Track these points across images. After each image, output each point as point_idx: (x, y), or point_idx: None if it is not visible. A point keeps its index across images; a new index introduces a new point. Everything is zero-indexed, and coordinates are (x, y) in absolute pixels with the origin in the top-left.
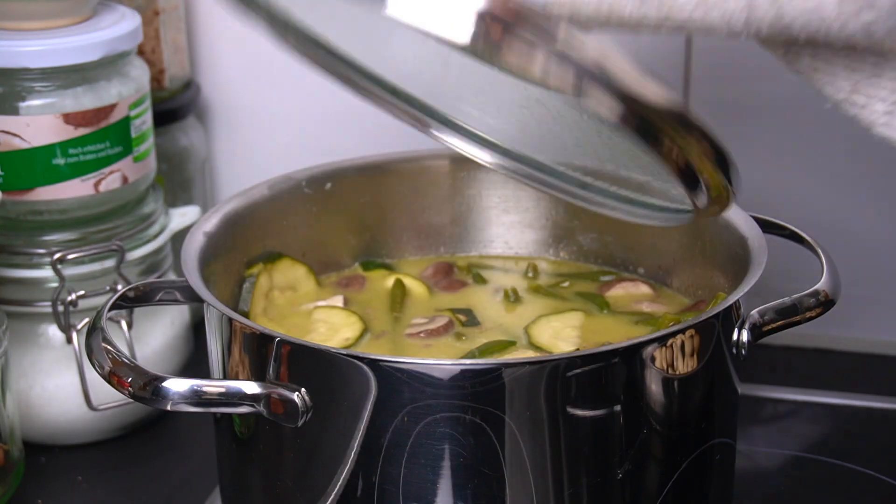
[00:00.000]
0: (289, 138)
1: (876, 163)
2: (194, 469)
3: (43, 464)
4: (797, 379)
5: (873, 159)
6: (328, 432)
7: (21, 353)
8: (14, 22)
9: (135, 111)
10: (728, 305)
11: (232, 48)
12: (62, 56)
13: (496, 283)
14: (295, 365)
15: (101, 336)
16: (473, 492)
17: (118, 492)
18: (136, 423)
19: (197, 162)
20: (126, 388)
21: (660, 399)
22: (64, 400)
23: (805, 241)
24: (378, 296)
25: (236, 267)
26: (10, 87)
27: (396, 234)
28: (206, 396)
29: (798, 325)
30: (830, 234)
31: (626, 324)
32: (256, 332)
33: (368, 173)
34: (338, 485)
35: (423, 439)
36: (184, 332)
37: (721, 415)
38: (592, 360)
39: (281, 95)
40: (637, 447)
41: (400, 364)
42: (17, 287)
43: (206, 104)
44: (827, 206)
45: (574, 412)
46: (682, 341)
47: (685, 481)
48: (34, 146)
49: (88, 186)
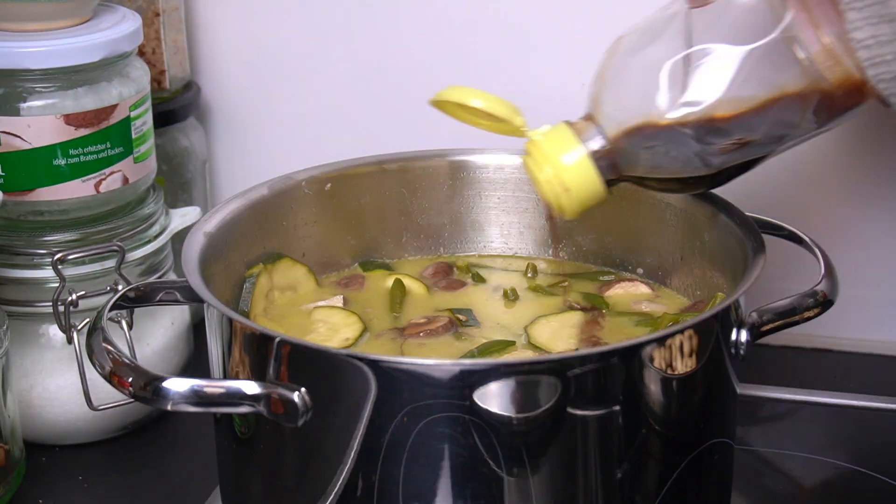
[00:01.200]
0: (289, 138)
1: (876, 163)
2: (194, 469)
3: (44, 463)
4: (796, 379)
5: (873, 159)
6: (328, 432)
7: (22, 353)
8: (15, 23)
9: (135, 112)
10: (727, 305)
11: (232, 49)
12: (63, 57)
13: (495, 283)
14: (295, 365)
15: (102, 336)
16: (473, 492)
17: (118, 492)
18: (136, 423)
19: (197, 163)
20: (126, 388)
21: (659, 399)
22: (64, 400)
23: (804, 241)
24: (377, 295)
25: (236, 267)
26: (11, 87)
27: (396, 234)
28: (206, 396)
29: (797, 325)
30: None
31: (625, 324)
32: (256, 332)
33: (368, 173)
34: (338, 485)
35: (423, 439)
36: (184, 332)
37: (720, 415)
38: (591, 360)
39: (281, 96)
40: (636, 447)
41: (400, 364)
42: (18, 287)
43: (206, 105)
44: (827, 206)
45: (573, 412)
46: (680, 341)
47: (684, 481)
48: (35, 147)
49: (89, 187)
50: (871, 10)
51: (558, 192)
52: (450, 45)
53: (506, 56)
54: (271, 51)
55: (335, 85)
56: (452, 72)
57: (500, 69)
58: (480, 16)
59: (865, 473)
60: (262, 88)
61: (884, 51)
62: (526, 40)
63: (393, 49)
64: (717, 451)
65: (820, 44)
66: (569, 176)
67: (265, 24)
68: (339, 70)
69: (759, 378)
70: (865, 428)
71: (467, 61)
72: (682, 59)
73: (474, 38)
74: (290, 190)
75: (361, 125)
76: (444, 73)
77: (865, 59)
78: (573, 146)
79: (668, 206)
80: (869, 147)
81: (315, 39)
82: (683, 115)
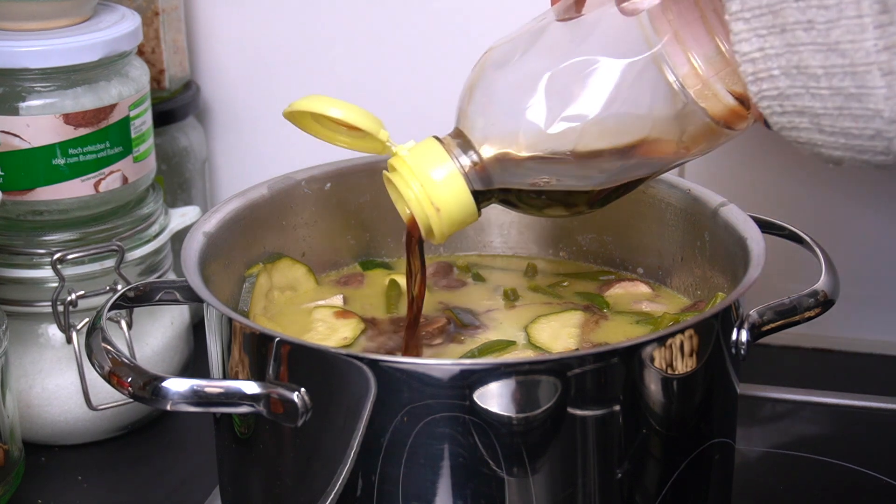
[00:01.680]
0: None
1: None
2: (194, 469)
3: (43, 463)
4: (796, 379)
5: None
6: (328, 432)
7: (21, 353)
8: (14, 22)
9: (135, 111)
10: (727, 305)
11: (232, 48)
12: (62, 56)
13: (495, 283)
14: (294, 365)
15: (101, 336)
16: (473, 492)
17: (118, 491)
18: (136, 423)
19: (196, 162)
20: (126, 387)
21: (659, 399)
22: (64, 400)
23: (804, 241)
24: (377, 293)
25: (236, 267)
26: (10, 87)
27: (396, 234)
28: (205, 396)
29: (797, 325)
30: (830, 234)
31: (625, 324)
32: (256, 331)
33: (368, 173)
34: (337, 485)
35: (423, 439)
36: (184, 332)
37: (720, 415)
38: (591, 360)
39: (280, 95)
40: (636, 447)
41: (399, 364)
42: (17, 287)
43: (205, 104)
44: (827, 206)
45: (573, 412)
46: (681, 341)
47: (684, 481)
48: (34, 146)
49: (88, 186)
50: (760, 20)
51: (428, 213)
52: (450, 44)
53: None
54: (271, 50)
55: (335, 84)
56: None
57: None
58: (481, 15)
59: (865, 473)
60: (261, 88)
61: (770, 65)
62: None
63: (392, 49)
64: (717, 451)
65: (689, 65)
66: (439, 193)
67: (265, 24)
68: (338, 70)
69: (759, 378)
70: (865, 428)
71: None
72: (556, 73)
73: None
74: (290, 190)
75: None
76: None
77: (749, 73)
78: (443, 161)
79: (668, 206)
80: None
81: (315, 39)
82: (557, 140)
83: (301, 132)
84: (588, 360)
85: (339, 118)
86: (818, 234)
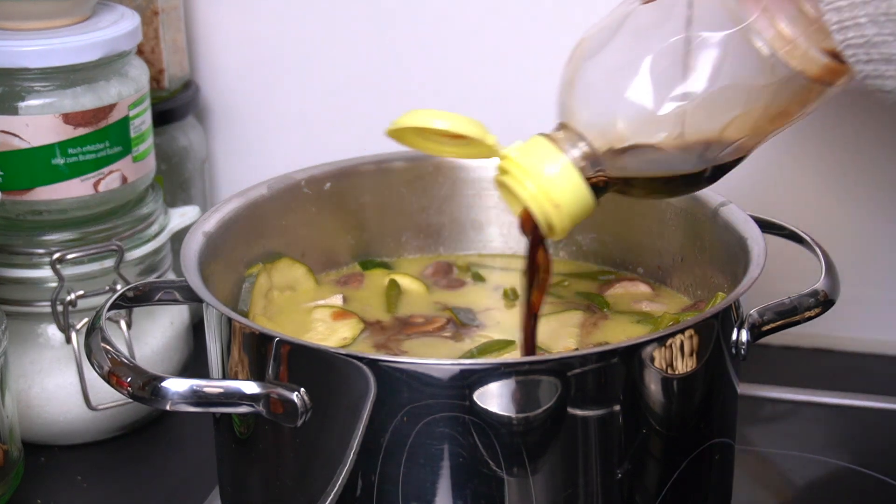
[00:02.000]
0: (288, 138)
1: (876, 163)
2: (194, 469)
3: (42, 464)
4: (796, 379)
5: (873, 159)
6: (327, 432)
7: (20, 353)
8: (13, 22)
9: (134, 111)
10: (727, 305)
11: (232, 48)
12: (61, 56)
13: (495, 283)
14: (294, 365)
15: (101, 336)
16: (473, 492)
17: (118, 492)
18: (135, 423)
19: (196, 162)
20: (125, 387)
21: (659, 399)
22: (63, 400)
23: (804, 241)
24: (377, 293)
25: (236, 267)
26: (9, 86)
27: (396, 233)
28: (205, 396)
29: (797, 325)
30: (830, 234)
31: (625, 323)
32: (256, 331)
33: (368, 173)
34: (337, 485)
35: (423, 439)
36: (183, 332)
37: (720, 415)
38: (591, 360)
39: (280, 95)
40: (636, 447)
41: (399, 364)
42: (17, 287)
43: (205, 104)
44: (827, 206)
45: (573, 412)
46: (681, 341)
47: (684, 481)
48: (33, 146)
49: (88, 186)
50: None
51: (546, 210)
52: (450, 44)
53: (507, 56)
54: (270, 50)
55: (335, 84)
56: (452, 71)
57: (501, 69)
58: (481, 15)
59: (865, 473)
60: (261, 87)
61: (856, 13)
62: (527, 40)
63: (392, 48)
64: (717, 451)
65: (774, 30)
66: (556, 189)
67: (265, 23)
68: (338, 69)
69: (759, 378)
70: (865, 428)
71: (467, 61)
72: (656, 55)
73: (475, 37)
74: (290, 189)
75: (361, 124)
76: (444, 73)
77: (834, 22)
78: (555, 157)
79: (668, 205)
80: (870, 147)
81: (314, 38)
82: (666, 122)
83: (301, 131)
84: (588, 360)
85: (444, 129)
86: (818, 234)
